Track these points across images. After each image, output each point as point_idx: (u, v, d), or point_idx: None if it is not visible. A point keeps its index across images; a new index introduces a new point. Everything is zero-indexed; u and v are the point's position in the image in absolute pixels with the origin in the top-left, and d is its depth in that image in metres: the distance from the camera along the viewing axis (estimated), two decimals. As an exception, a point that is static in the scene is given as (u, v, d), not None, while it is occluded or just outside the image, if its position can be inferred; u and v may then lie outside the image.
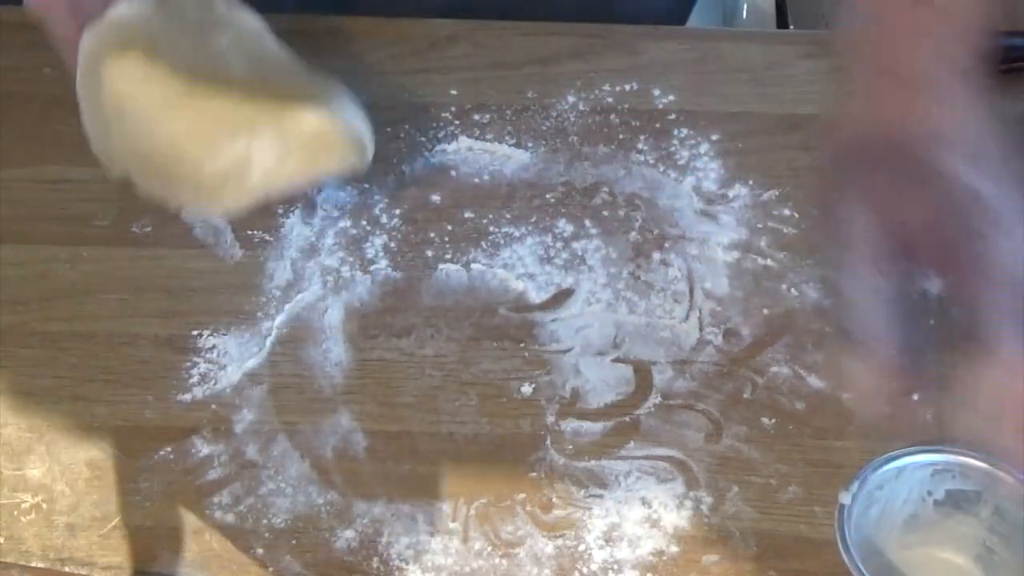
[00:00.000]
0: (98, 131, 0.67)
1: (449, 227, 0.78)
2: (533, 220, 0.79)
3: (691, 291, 0.76)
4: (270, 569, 0.65)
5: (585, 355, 0.73)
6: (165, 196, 0.68)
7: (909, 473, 0.64)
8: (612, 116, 0.83)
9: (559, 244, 0.78)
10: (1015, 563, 0.63)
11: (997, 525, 0.64)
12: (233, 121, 0.66)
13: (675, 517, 0.67)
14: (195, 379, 0.72)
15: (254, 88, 0.67)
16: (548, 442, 0.70)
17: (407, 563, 0.65)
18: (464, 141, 0.82)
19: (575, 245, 0.78)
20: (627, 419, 0.71)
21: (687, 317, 0.75)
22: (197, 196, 0.67)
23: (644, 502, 0.68)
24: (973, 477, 0.63)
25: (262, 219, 0.78)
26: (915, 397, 0.59)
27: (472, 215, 0.79)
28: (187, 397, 0.71)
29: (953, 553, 0.66)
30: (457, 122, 0.83)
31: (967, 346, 0.55)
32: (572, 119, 0.83)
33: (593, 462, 0.69)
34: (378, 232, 0.78)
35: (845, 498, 0.62)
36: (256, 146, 0.65)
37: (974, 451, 0.63)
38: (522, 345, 0.74)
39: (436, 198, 0.79)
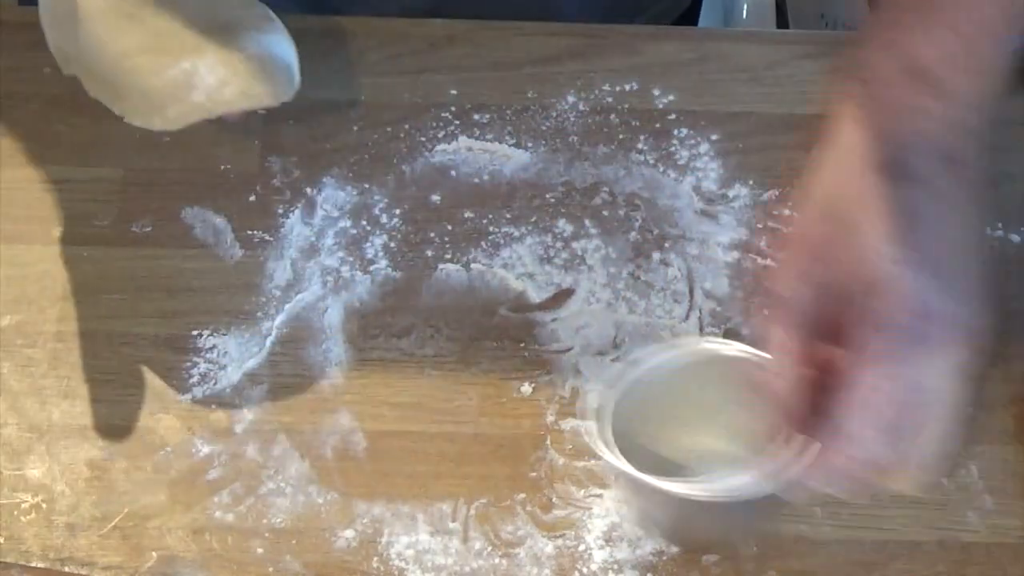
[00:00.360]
0: (54, 31, 0.70)
1: (449, 227, 0.78)
2: (533, 220, 0.79)
3: (691, 291, 0.76)
4: (270, 569, 0.65)
5: (585, 355, 0.73)
6: (112, 104, 0.71)
7: (671, 366, 0.64)
8: (612, 116, 0.83)
9: (559, 244, 0.78)
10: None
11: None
12: (181, 41, 0.70)
13: (675, 517, 0.67)
14: (195, 379, 0.71)
15: (201, 12, 0.71)
16: (548, 442, 0.70)
17: (407, 563, 0.65)
18: (464, 141, 0.82)
19: (575, 245, 0.78)
20: (627, 419, 0.71)
21: (687, 317, 0.75)
22: (141, 108, 0.71)
23: (644, 502, 0.68)
24: (733, 367, 0.64)
25: (262, 219, 0.78)
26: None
27: (472, 215, 0.79)
28: (187, 397, 0.71)
29: (717, 440, 0.66)
30: (457, 122, 0.83)
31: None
32: (572, 119, 0.83)
33: (593, 462, 0.69)
34: (378, 232, 0.78)
35: (603, 396, 0.62)
36: (201, 67, 0.70)
37: (731, 341, 0.65)
38: (522, 345, 0.74)
39: (436, 198, 0.79)
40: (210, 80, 0.69)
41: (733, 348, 0.63)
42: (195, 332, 0.73)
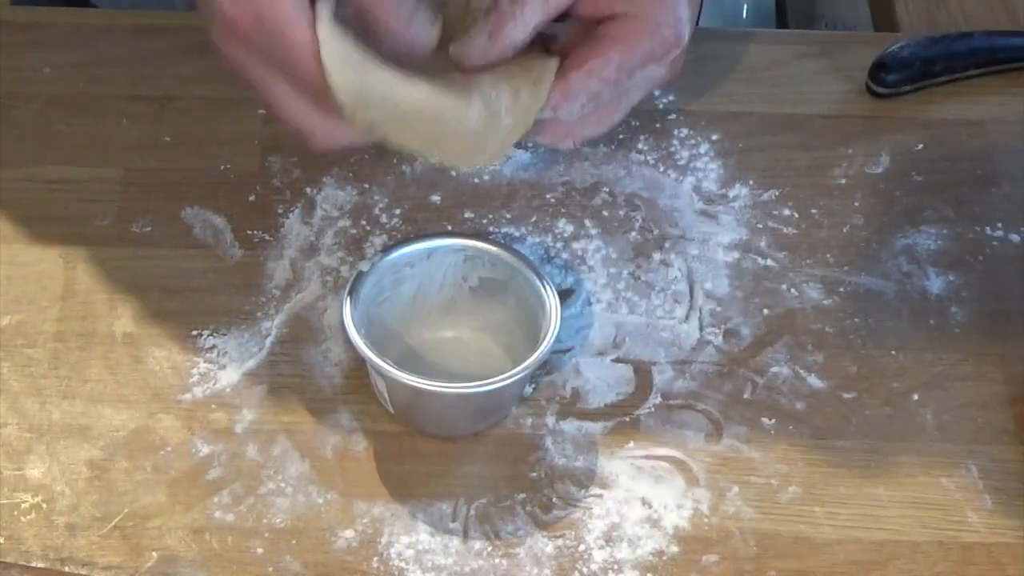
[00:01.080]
0: (344, 85, 0.65)
1: (449, 227, 0.78)
2: (533, 220, 0.79)
3: (691, 291, 0.76)
4: (270, 569, 0.65)
5: (585, 355, 0.73)
6: (425, 153, 0.67)
7: (441, 256, 0.70)
8: (612, 116, 0.83)
9: (559, 244, 0.78)
10: (529, 349, 0.67)
11: (519, 313, 0.69)
12: (459, 79, 0.65)
13: (675, 517, 0.67)
14: (195, 379, 0.71)
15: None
16: (548, 442, 0.70)
17: (407, 563, 0.65)
18: (464, 141, 0.82)
19: (575, 245, 0.78)
20: (627, 419, 0.71)
21: (687, 317, 0.75)
22: (464, 149, 0.66)
23: (644, 502, 0.68)
24: (499, 267, 0.69)
25: (262, 219, 0.78)
26: None
27: (472, 215, 0.79)
28: (187, 397, 0.71)
29: (482, 336, 0.71)
30: (457, 122, 0.83)
31: None
32: (572, 119, 0.83)
33: (593, 462, 0.69)
34: (378, 232, 0.78)
35: (355, 278, 0.68)
36: (488, 86, 0.65)
37: (500, 243, 0.71)
38: (522, 345, 0.74)
39: (436, 198, 0.79)
40: (505, 97, 0.64)
41: (490, 243, 0.70)
42: (195, 332, 0.73)
